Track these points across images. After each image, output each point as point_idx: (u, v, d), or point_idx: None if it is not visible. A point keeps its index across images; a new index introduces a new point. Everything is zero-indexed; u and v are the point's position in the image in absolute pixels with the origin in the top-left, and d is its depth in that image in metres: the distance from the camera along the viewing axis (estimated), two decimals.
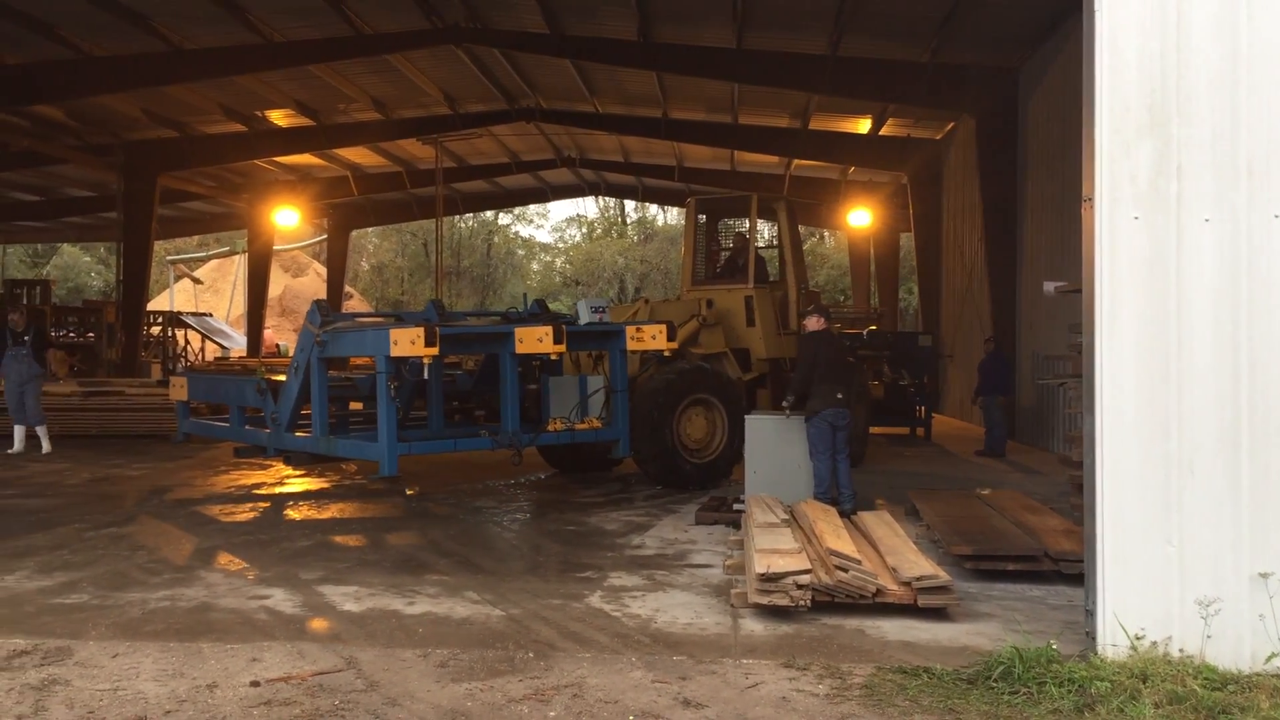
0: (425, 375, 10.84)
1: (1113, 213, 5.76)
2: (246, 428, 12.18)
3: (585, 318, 11.56)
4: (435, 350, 9.80)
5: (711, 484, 12.34)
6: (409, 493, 12.43)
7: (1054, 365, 14.87)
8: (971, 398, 17.31)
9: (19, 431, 15.54)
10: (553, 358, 11.39)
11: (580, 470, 13.78)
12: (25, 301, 27.24)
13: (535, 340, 10.50)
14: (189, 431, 13.53)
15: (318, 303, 11.10)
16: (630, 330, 11.57)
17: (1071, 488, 9.67)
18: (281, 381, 11.57)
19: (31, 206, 33.87)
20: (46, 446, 15.52)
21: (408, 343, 9.71)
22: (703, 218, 15.15)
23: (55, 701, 5.20)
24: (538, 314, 11.87)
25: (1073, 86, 15.25)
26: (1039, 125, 17.25)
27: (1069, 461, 9.96)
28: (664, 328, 11.59)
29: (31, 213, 34.47)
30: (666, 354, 12.18)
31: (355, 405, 12.97)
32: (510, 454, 10.71)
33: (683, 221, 15.98)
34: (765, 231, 16.65)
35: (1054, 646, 5.67)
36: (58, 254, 52.27)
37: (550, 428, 11.40)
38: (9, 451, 15.30)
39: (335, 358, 11.53)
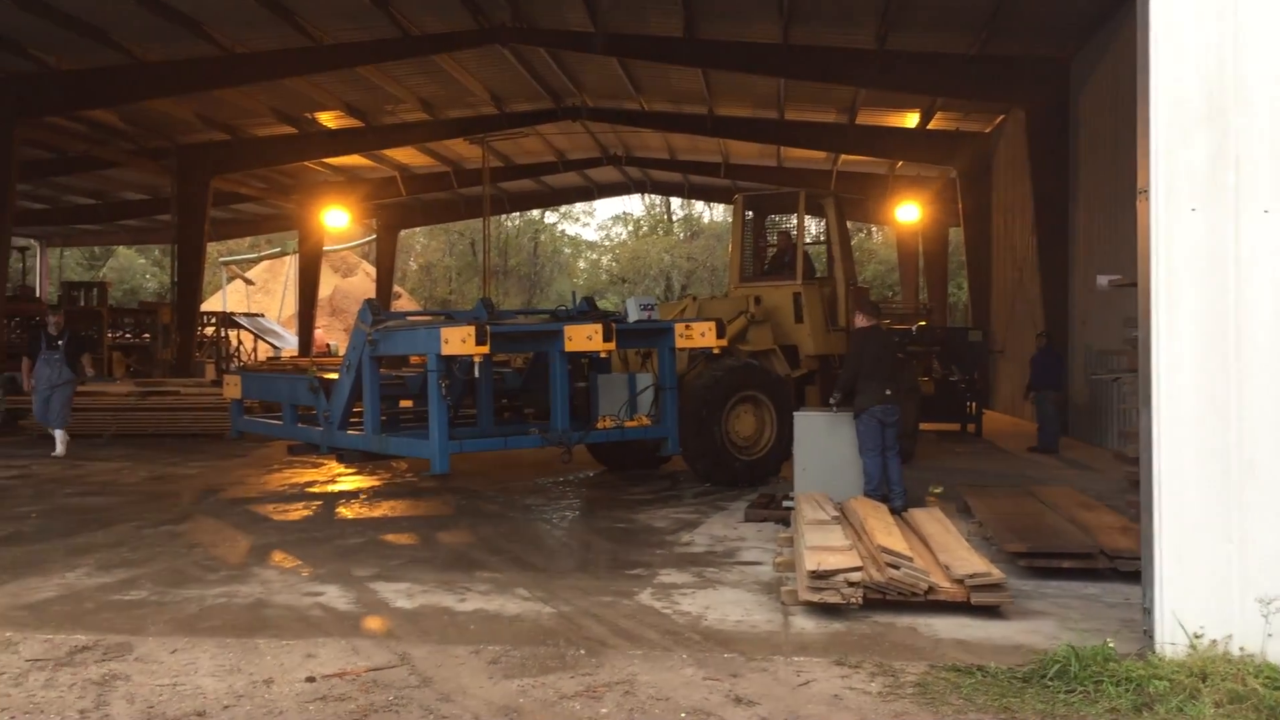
0: (476, 373, 10.89)
1: (1169, 205, 5.67)
2: (299, 425, 12.33)
3: (634, 315, 11.57)
4: (486, 348, 9.86)
5: (760, 481, 12.30)
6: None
7: (1108, 360, 14.67)
8: (1023, 393, 17.11)
9: (59, 434, 15.55)
10: (602, 355, 11.40)
11: (628, 468, 13.80)
12: (82, 303, 27.74)
13: (584, 338, 10.53)
14: (243, 429, 13.72)
15: (369, 302, 11.19)
16: (679, 328, 11.57)
17: (1127, 484, 9.53)
18: (333, 380, 11.70)
19: (88, 210, 34.54)
20: (60, 450, 15.40)
21: (458, 341, 9.77)
22: (750, 214, 15.10)
23: (116, 696, 5.30)
24: (586, 312, 11.90)
25: (1126, 77, 15.07)
26: (1091, 117, 17.01)
27: (1124, 458, 9.78)
28: (713, 325, 11.58)
29: (88, 216, 35.14)
30: (715, 351, 12.17)
31: (405, 403, 13.07)
32: (560, 451, 10.75)
33: (729, 218, 15.93)
34: (813, 227, 16.59)
35: (1111, 645, 5.60)
36: (113, 256, 53.17)
37: (599, 425, 11.43)
38: (53, 454, 15.30)
39: (390, 356, 11.64)
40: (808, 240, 15.44)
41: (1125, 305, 13.50)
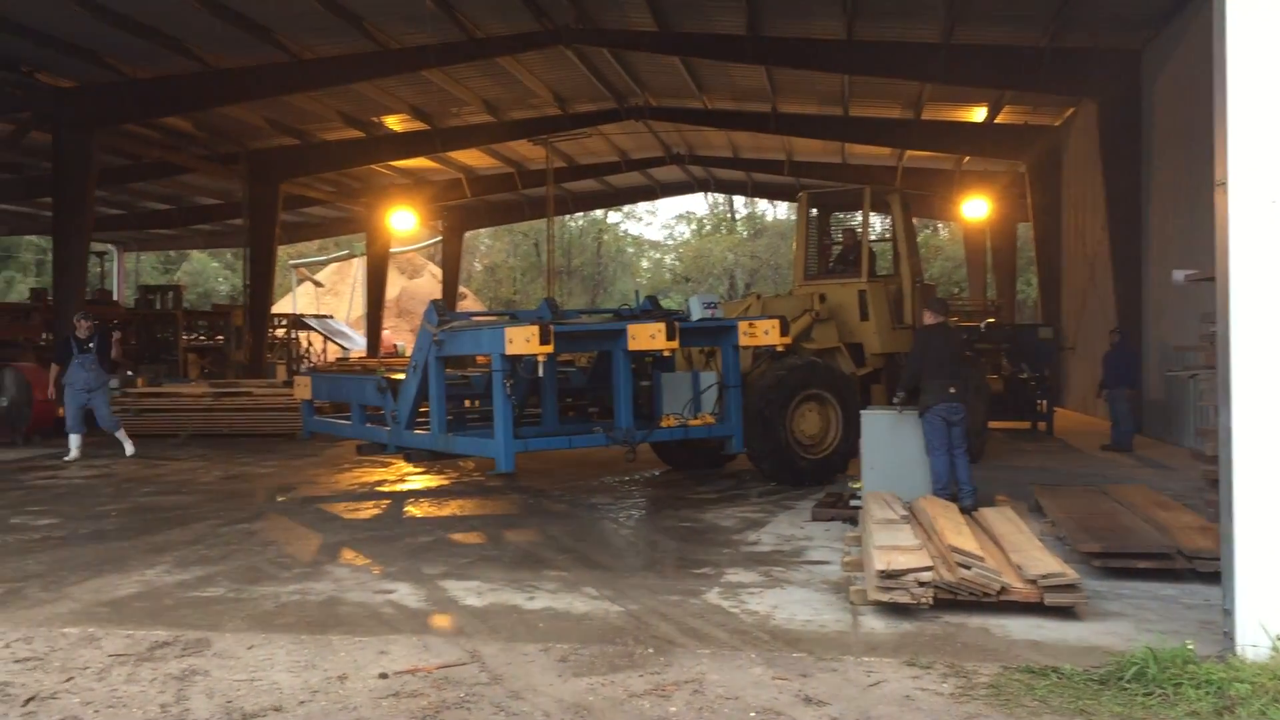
0: (539, 373, 10.96)
1: (1248, 197, 5.53)
2: (368, 425, 12.50)
3: (697, 314, 11.55)
4: (549, 348, 9.93)
5: (826, 480, 12.23)
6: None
7: (1184, 356, 14.28)
8: (1096, 391, 16.81)
9: (75, 440, 15.43)
10: (665, 354, 11.41)
11: (692, 467, 13.80)
12: (158, 306, 28.33)
13: (648, 337, 10.56)
14: (314, 429, 13.94)
15: (435, 302, 11.30)
16: (743, 326, 11.53)
17: (1205, 483, 9.32)
18: (400, 380, 11.84)
19: (163, 215, 35.38)
20: (130, 449, 15.64)
21: (522, 341, 9.85)
22: (814, 211, 15.00)
23: (196, 691, 5.41)
24: (650, 311, 11.92)
25: (1201, 66, 14.69)
26: (1165, 108, 16.65)
27: (1201, 456, 9.56)
28: (777, 323, 11.53)
29: (163, 221, 35.98)
30: (779, 349, 12.12)
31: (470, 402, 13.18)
32: (625, 450, 10.78)
33: (793, 216, 15.86)
34: (878, 224, 16.43)
35: (1190, 647, 5.48)
36: (187, 260, 54.35)
37: (663, 424, 11.44)
38: (65, 459, 15.18)
39: (456, 356, 11.74)
40: (874, 237, 15.30)
41: (1202, 300, 13.22)
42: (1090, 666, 5.54)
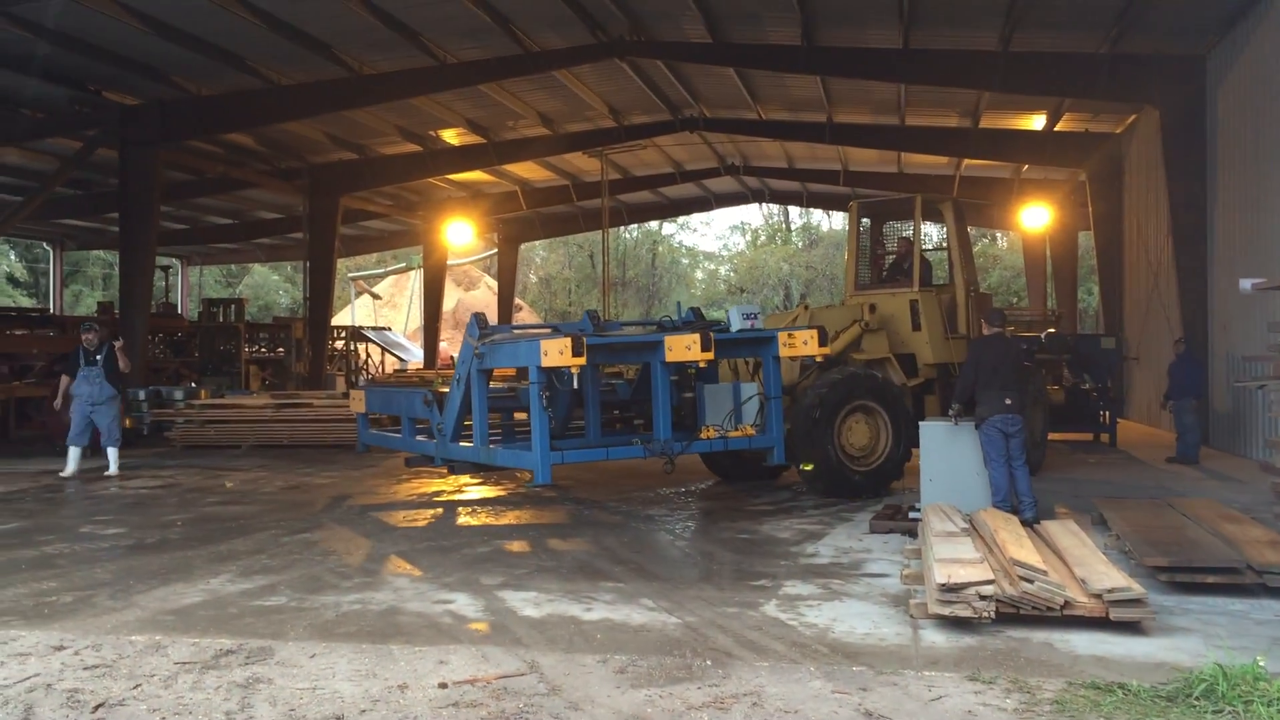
0: (575, 385, 11.00)
1: None
2: (418, 438, 12.63)
3: (736, 325, 11.54)
4: (582, 360, 10.01)
5: (874, 492, 12.13)
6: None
7: (1251, 367, 14.06)
8: (1161, 402, 16.50)
9: (74, 453, 15.02)
10: (701, 365, 11.32)
11: (742, 479, 13.72)
12: (220, 319, 28.81)
13: (684, 348, 10.57)
14: (368, 442, 14.10)
15: (476, 316, 11.41)
16: (783, 336, 11.47)
17: (1274, 496, 9.14)
18: (445, 393, 11.96)
19: (226, 229, 36.07)
20: (113, 469, 15.05)
21: (556, 353, 9.96)
22: (866, 221, 14.88)
23: (259, 699, 5.49)
24: (691, 322, 11.93)
25: (1267, 72, 14.47)
26: (1230, 115, 16.34)
27: (1271, 468, 9.41)
28: (815, 333, 11.47)
29: (226, 235, 36.68)
30: (818, 359, 12.06)
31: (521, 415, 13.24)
32: (663, 462, 10.78)
33: (848, 226, 15.76)
34: (934, 234, 16.28)
35: (1261, 664, 5.37)
36: (249, 274, 55.25)
37: (703, 435, 11.41)
38: (61, 475, 14.76)
39: (497, 369, 11.81)
40: (929, 246, 15.15)
41: (1270, 309, 13.00)
42: (1157, 683, 5.44)
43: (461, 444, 11.64)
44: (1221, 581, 7.39)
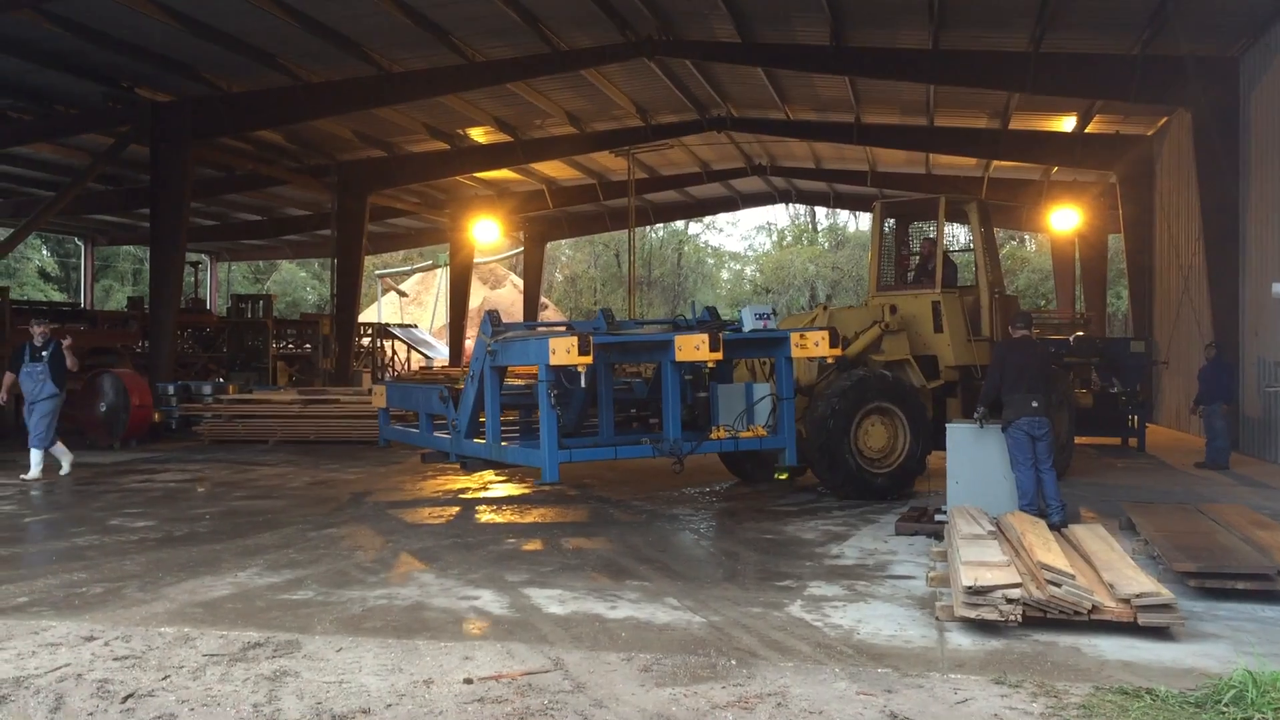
0: (584, 383, 11.01)
1: None
2: (435, 434, 12.70)
3: (749, 325, 11.50)
4: (588, 359, 10.04)
5: (894, 494, 12.08)
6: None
7: None
8: (1191, 406, 16.36)
9: (35, 456, 14.18)
10: (709, 365, 11.26)
11: (762, 480, 13.65)
12: (249, 315, 28.99)
13: (693, 348, 10.56)
14: (389, 437, 14.18)
15: (489, 314, 11.46)
16: (794, 337, 11.42)
17: None
18: (460, 390, 12.05)
19: (255, 226, 36.30)
20: (34, 473, 13.99)
21: (564, 352, 9.98)
22: (890, 222, 14.80)
23: (286, 692, 5.52)
24: (706, 322, 11.95)
25: None
26: (1263, 117, 16.18)
27: None
28: (826, 334, 11.39)
29: (255, 232, 36.92)
30: (829, 359, 12.04)
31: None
32: (672, 462, 10.78)
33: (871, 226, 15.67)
34: (962, 236, 16.14)
35: None
36: (277, 270, 55.58)
37: (713, 435, 11.39)
38: (24, 478, 13.97)
39: (517, 366, 11.86)
40: (956, 248, 15.05)
41: None
42: (1186, 689, 5.40)
43: (476, 441, 11.71)
44: (1252, 588, 7.32)
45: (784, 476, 11.77)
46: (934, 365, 13.53)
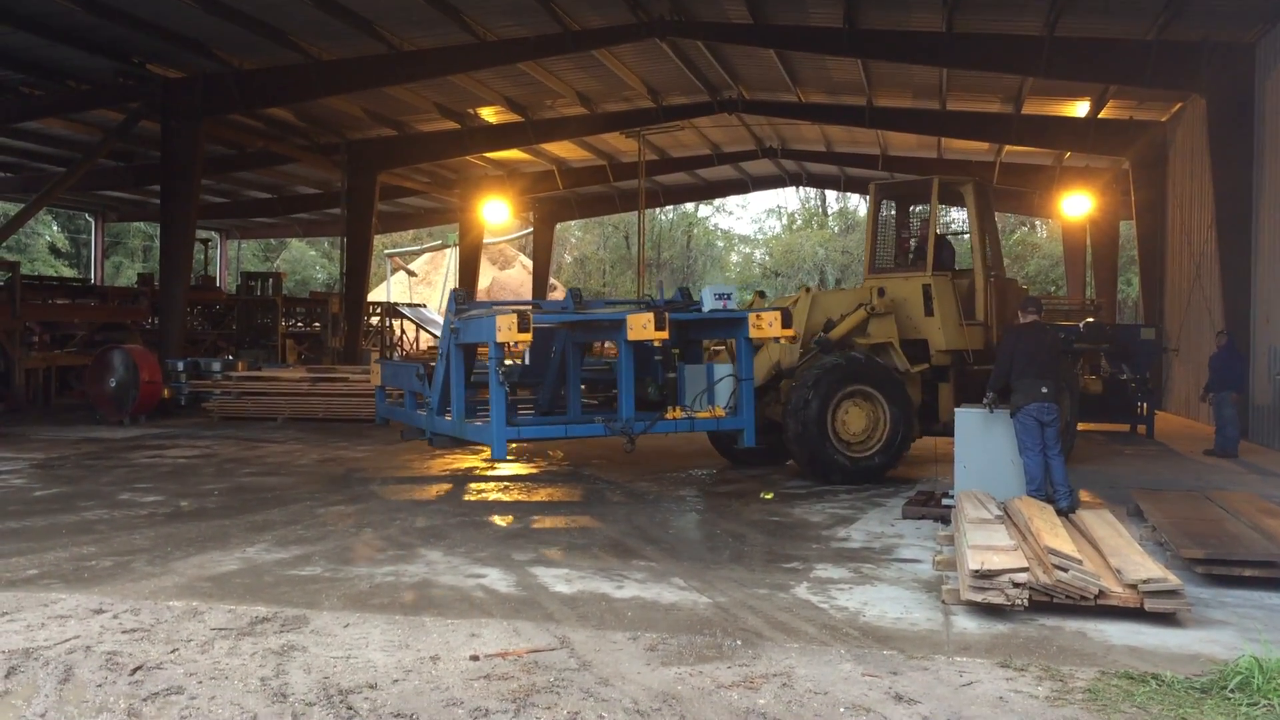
0: (527, 360, 11.21)
1: None
2: (418, 411, 12.84)
3: (709, 305, 11.61)
4: (527, 336, 10.30)
5: (869, 480, 12.04)
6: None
7: None
8: (1201, 394, 16.30)
9: None
10: (655, 344, 11.40)
11: (751, 463, 13.51)
12: (259, 293, 29.01)
13: (641, 327, 10.69)
14: (384, 415, 14.31)
15: (455, 292, 11.69)
16: (751, 318, 11.44)
17: None
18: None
19: (265, 204, 36.32)
20: None
21: (507, 329, 10.19)
22: (891, 204, 14.59)
23: (294, 666, 5.55)
24: (673, 302, 12.10)
25: None
26: (1278, 104, 16.07)
27: None
28: (779, 314, 11.44)
29: (265, 210, 36.96)
30: (783, 341, 12.17)
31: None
32: (624, 441, 10.87)
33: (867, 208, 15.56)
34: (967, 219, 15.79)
35: None
36: (286, 248, 55.61)
37: (669, 416, 11.48)
38: None
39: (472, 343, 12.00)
40: (964, 231, 14.89)
41: None
42: (1192, 674, 5.40)
43: (445, 418, 11.88)
44: (1259, 575, 7.32)
45: (769, 497, 11.62)
46: (925, 349, 13.30)
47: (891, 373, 12.59)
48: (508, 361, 13.68)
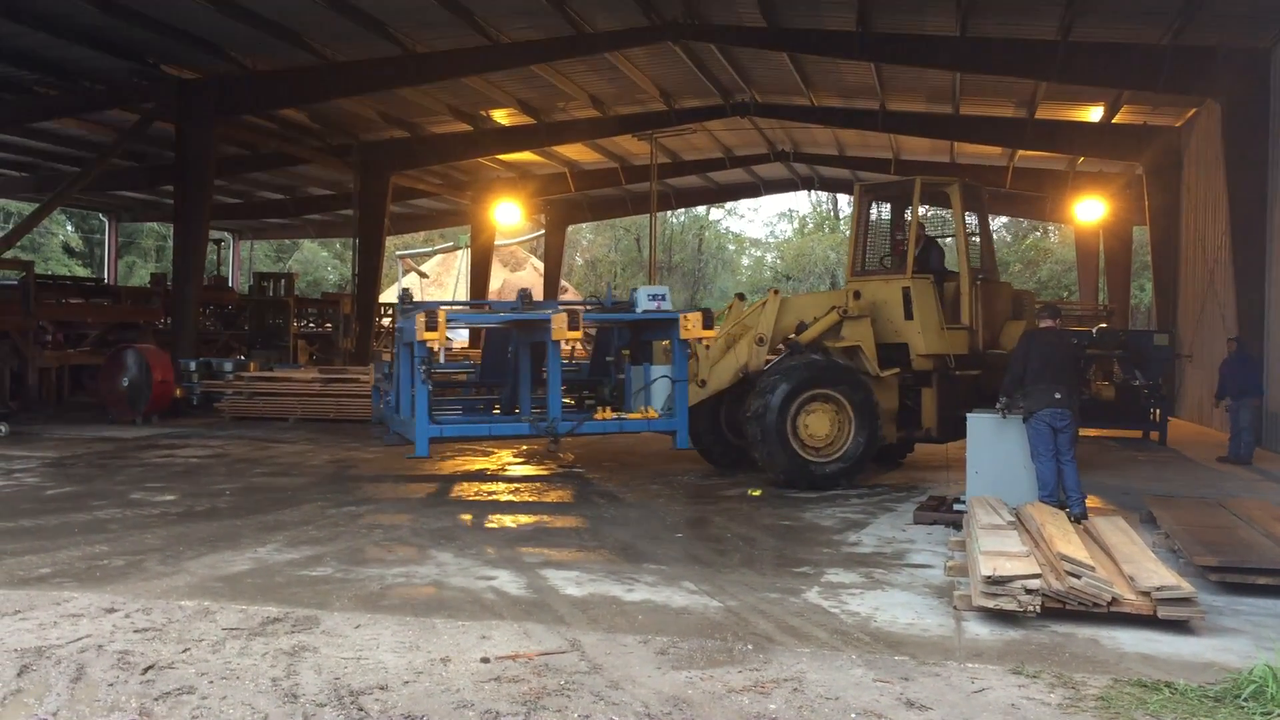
0: (442, 359, 11.56)
1: None
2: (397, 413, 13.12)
3: (642, 305, 11.79)
4: (435, 334, 10.63)
5: (836, 486, 11.95)
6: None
7: None
8: (1215, 399, 16.17)
9: None
10: (565, 344, 11.59)
11: (736, 467, 13.43)
12: (271, 293, 29.08)
13: (559, 327, 10.96)
14: (379, 417, 14.49)
15: (402, 292, 11.94)
16: (682, 319, 11.55)
17: None
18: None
19: (277, 205, 36.41)
20: None
21: (424, 328, 10.56)
22: (883, 206, 14.30)
23: (305, 667, 5.55)
24: (618, 303, 12.61)
25: None
26: None
27: None
28: (699, 315, 11.64)
29: (277, 210, 37.05)
30: (745, 341, 12.45)
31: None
32: (548, 441, 11.07)
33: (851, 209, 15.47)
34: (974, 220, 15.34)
35: None
36: (299, 249, 55.74)
37: (598, 416, 11.66)
38: None
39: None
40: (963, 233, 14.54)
41: None
42: (1205, 683, 5.37)
43: (400, 417, 12.27)
44: (1273, 583, 7.27)
45: (758, 494, 11.59)
46: (905, 353, 13.01)
47: (857, 376, 12.39)
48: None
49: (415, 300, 11.68)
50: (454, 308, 14.56)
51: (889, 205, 14.35)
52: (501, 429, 12.16)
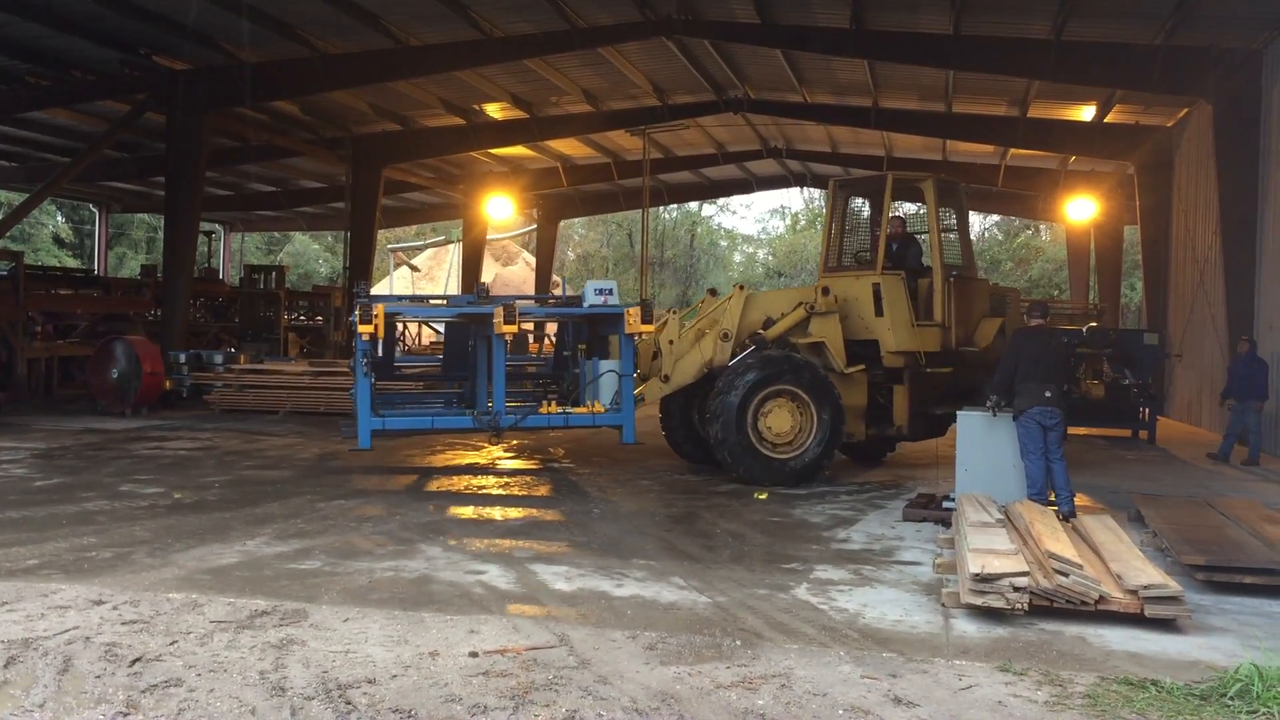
0: (379, 352, 12.11)
1: None
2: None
3: (589, 300, 11.94)
4: (368, 327, 10.99)
5: (799, 483, 11.95)
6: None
7: None
8: (1220, 399, 16.11)
9: None
10: (506, 337, 11.74)
11: (709, 462, 13.25)
12: (261, 286, 29.00)
13: (498, 321, 11.29)
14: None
15: (356, 286, 12.01)
16: (627, 314, 11.69)
17: None
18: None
19: (269, 197, 36.30)
20: None
21: (360, 321, 10.94)
22: (859, 201, 14.27)
23: (293, 660, 5.55)
24: (571, 297, 12.90)
25: None
26: None
27: None
28: (638, 310, 11.80)
29: (269, 203, 36.93)
30: (710, 337, 12.54)
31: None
32: (490, 435, 11.18)
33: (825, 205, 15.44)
34: (952, 217, 15.23)
35: None
36: (290, 242, 55.60)
37: (542, 410, 11.83)
38: None
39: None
40: (944, 230, 14.44)
41: None
42: (1191, 681, 5.40)
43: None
44: (1260, 582, 7.31)
45: (763, 496, 11.55)
46: (877, 350, 12.95)
47: (818, 372, 12.33)
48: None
49: (371, 295, 11.73)
50: (401, 302, 14.65)
51: (868, 201, 14.29)
52: (445, 422, 12.31)
